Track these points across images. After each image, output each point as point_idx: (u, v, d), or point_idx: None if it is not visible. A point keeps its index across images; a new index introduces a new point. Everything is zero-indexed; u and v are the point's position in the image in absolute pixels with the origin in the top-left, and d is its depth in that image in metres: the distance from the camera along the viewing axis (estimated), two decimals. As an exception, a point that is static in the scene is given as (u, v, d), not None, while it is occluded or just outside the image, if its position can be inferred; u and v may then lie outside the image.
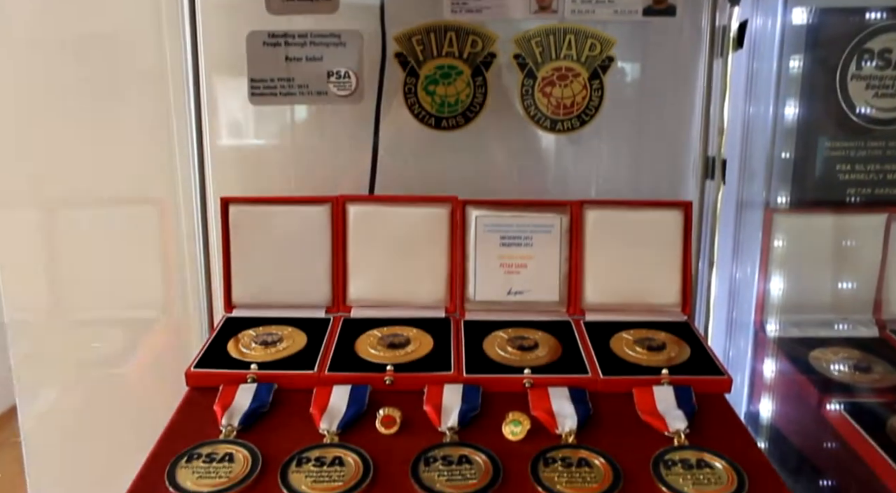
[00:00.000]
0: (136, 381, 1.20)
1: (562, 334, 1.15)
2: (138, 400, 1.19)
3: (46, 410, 1.03)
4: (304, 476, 0.83)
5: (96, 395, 1.17)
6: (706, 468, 0.85)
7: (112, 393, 1.20)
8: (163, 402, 0.99)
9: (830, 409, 1.03)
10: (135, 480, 0.83)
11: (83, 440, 1.10)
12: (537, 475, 0.83)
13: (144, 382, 1.22)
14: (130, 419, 1.10)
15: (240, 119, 1.33)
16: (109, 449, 0.96)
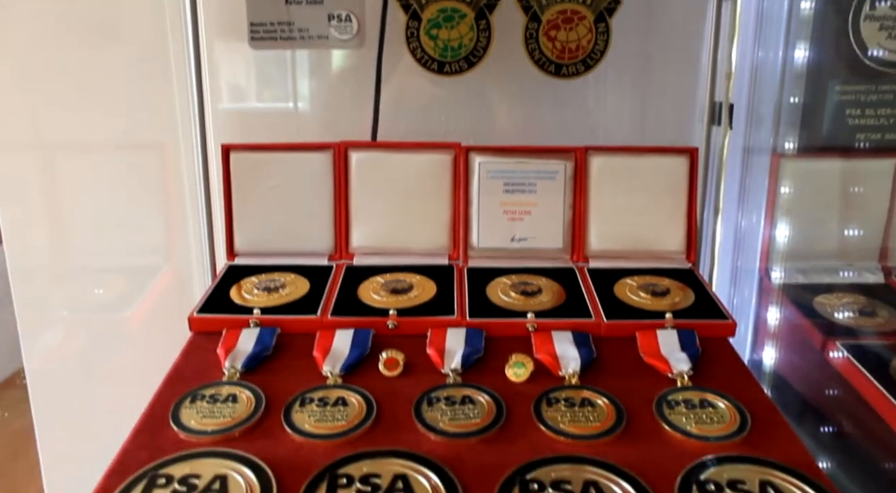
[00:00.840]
0: (138, 325, 1.21)
1: (565, 281, 1.15)
2: (141, 344, 1.20)
3: (50, 352, 1.03)
4: (307, 416, 0.83)
5: (99, 339, 1.17)
6: (709, 408, 0.85)
7: (115, 337, 1.20)
8: (166, 347, 0.99)
9: (834, 352, 1.03)
10: (140, 420, 0.84)
11: (87, 381, 1.11)
12: (540, 415, 0.83)
13: (147, 327, 1.22)
14: (134, 362, 1.10)
15: (240, 65, 1.31)
16: (113, 391, 0.96)
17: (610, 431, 0.81)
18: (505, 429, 0.82)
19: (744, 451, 0.78)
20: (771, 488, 0.72)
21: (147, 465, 0.75)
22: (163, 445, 0.79)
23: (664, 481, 0.72)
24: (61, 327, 1.10)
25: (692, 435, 0.80)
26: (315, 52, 1.28)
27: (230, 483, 0.72)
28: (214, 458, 0.76)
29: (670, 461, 0.76)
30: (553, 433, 0.81)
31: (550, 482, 0.72)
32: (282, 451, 0.78)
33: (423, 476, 0.72)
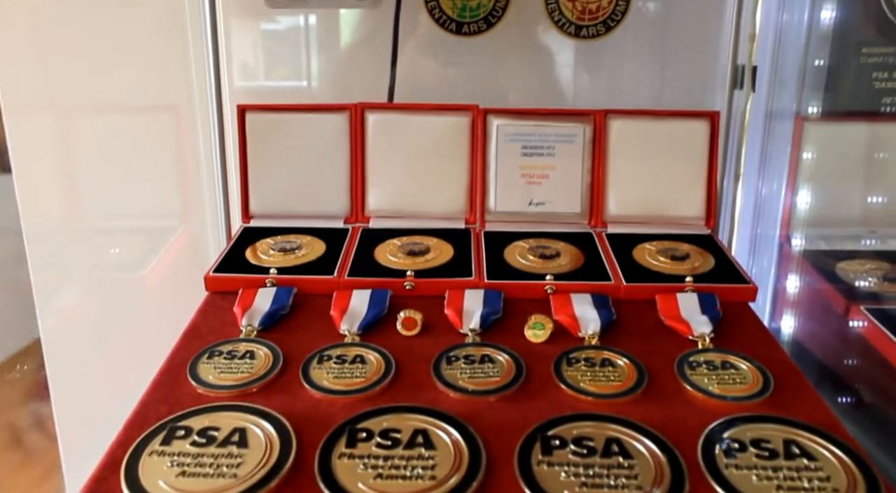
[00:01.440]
0: (154, 285, 1.20)
1: (583, 245, 1.13)
2: (157, 304, 1.19)
3: (65, 311, 1.03)
4: (325, 373, 0.82)
5: (115, 297, 1.17)
6: (731, 369, 0.84)
7: (130, 296, 1.20)
8: (182, 307, 0.99)
9: (857, 316, 1.02)
10: (157, 375, 0.83)
11: (102, 340, 1.10)
12: (560, 374, 0.83)
13: (163, 287, 1.21)
14: (150, 321, 1.10)
15: (256, 25, 1.29)
16: (129, 349, 0.96)
17: (631, 390, 0.80)
18: (525, 387, 0.81)
19: (767, 411, 0.77)
20: (795, 446, 0.71)
21: (166, 418, 0.74)
22: (181, 399, 0.79)
23: (687, 439, 0.72)
24: (76, 287, 1.09)
25: (714, 395, 0.80)
26: (332, 12, 1.26)
27: (249, 436, 0.71)
28: (233, 411, 0.75)
29: (692, 420, 0.75)
30: (574, 392, 0.80)
31: (572, 439, 0.71)
32: (300, 406, 0.77)
33: (444, 431, 0.72)
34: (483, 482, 0.66)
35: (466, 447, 0.70)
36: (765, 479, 0.67)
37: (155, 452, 0.69)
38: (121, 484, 0.65)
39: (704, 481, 0.67)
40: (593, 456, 0.69)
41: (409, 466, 0.67)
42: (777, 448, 0.70)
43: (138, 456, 0.69)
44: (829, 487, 0.66)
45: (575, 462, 0.68)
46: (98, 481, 0.67)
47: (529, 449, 0.70)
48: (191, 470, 0.67)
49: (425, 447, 0.70)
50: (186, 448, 0.70)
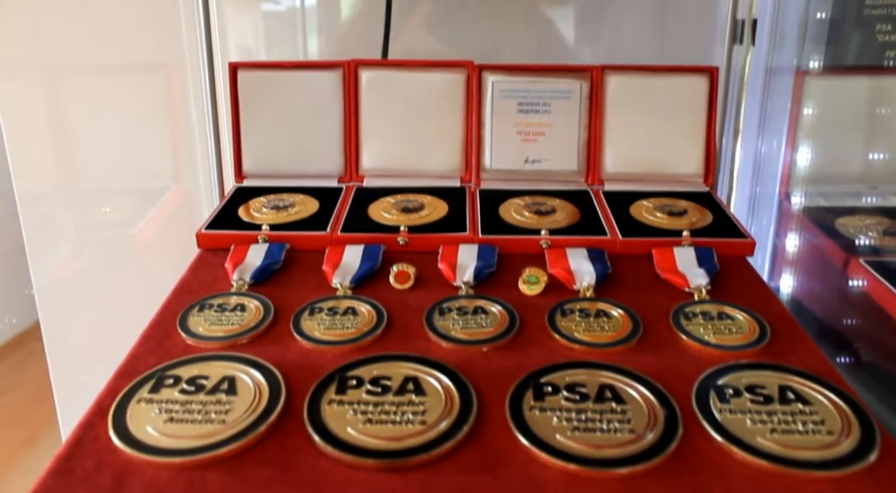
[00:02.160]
0: (145, 243, 1.19)
1: (580, 202, 1.12)
2: (149, 261, 1.18)
3: (58, 268, 1.02)
4: (316, 324, 0.81)
5: (107, 254, 1.16)
6: (727, 320, 0.83)
7: (122, 254, 1.19)
8: (173, 264, 0.98)
9: (856, 270, 1.00)
10: (147, 327, 0.83)
11: (94, 295, 1.10)
12: (554, 324, 0.82)
13: (154, 245, 1.20)
14: (141, 278, 1.09)
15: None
16: (120, 305, 0.95)
17: (625, 339, 0.79)
18: (518, 338, 0.80)
19: (763, 360, 0.76)
20: (790, 392, 0.70)
21: (155, 367, 0.74)
22: (171, 350, 0.78)
23: (681, 386, 0.71)
24: (68, 244, 1.08)
25: (710, 344, 0.79)
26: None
27: (238, 384, 0.71)
28: (222, 361, 0.75)
29: (687, 368, 0.75)
30: (567, 342, 0.79)
31: (565, 386, 0.70)
32: (291, 356, 0.77)
33: (434, 379, 0.71)
34: (474, 426, 0.65)
35: (457, 393, 0.69)
36: (759, 423, 0.66)
37: (143, 399, 0.69)
38: (108, 430, 0.65)
39: (698, 424, 0.66)
40: (586, 402, 0.68)
41: (398, 411, 0.66)
42: (772, 394, 0.70)
43: (126, 403, 0.68)
44: (824, 430, 0.65)
45: (567, 408, 0.67)
46: (86, 427, 0.66)
47: (521, 395, 0.69)
48: (179, 416, 0.66)
49: (416, 393, 0.69)
50: (175, 396, 0.69)
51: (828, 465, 0.61)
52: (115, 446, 0.63)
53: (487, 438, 0.65)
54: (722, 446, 0.64)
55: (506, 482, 0.60)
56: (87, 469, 0.61)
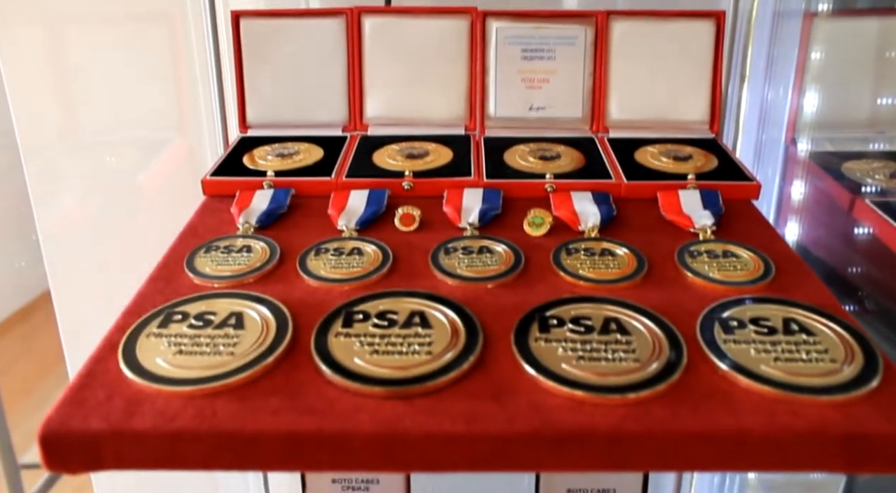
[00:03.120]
0: (151, 191, 1.19)
1: (585, 149, 1.12)
2: (154, 208, 1.19)
3: (63, 216, 1.02)
4: (322, 263, 0.82)
5: (111, 203, 1.16)
6: (732, 258, 0.83)
7: (127, 202, 1.19)
8: (179, 213, 0.98)
9: (862, 210, 1.00)
10: (154, 269, 0.83)
11: (101, 242, 1.10)
12: (559, 262, 0.82)
13: (160, 193, 1.21)
14: (147, 224, 1.10)
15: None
16: (126, 252, 0.96)
17: (630, 276, 0.79)
18: (523, 275, 0.81)
19: (768, 295, 0.77)
20: (794, 324, 0.70)
21: (163, 305, 0.74)
22: (178, 289, 0.79)
23: (686, 320, 0.71)
24: (72, 192, 1.08)
25: (715, 280, 0.79)
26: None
27: (246, 319, 0.71)
28: (229, 298, 0.75)
29: (692, 303, 0.75)
30: (572, 278, 0.79)
31: (570, 319, 0.71)
32: (297, 294, 0.77)
33: (440, 313, 0.72)
34: (479, 357, 0.66)
35: (463, 326, 0.70)
36: (763, 352, 0.66)
37: (152, 334, 0.70)
38: (119, 362, 0.66)
39: (703, 354, 0.67)
40: (591, 334, 0.69)
41: (405, 343, 0.67)
42: (776, 326, 0.70)
43: (135, 338, 0.69)
44: (827, 358, 0.66)
45: (572, 339, 0.68)
46: (97, 361, 0.67)
47: (527, 328, 0.70)
48: (188, 349, 0.67)
49: (422, 326, 0.70)
50: (183, 331, 0.70)
51: (831, 390, 0.62)
52: (125, 377, 0.64)
53: (493, 368, 0.65)
54: (727, 374, 0.64)
55: (511, 409, 0.60)
56: (99, 399, 0.62)
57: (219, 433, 0.59)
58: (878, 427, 0.59)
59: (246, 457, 0.59)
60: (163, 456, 0.59)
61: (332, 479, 1.27)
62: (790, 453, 0.59)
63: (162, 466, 0.60)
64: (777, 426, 0.59)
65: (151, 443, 0.59)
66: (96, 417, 0.60)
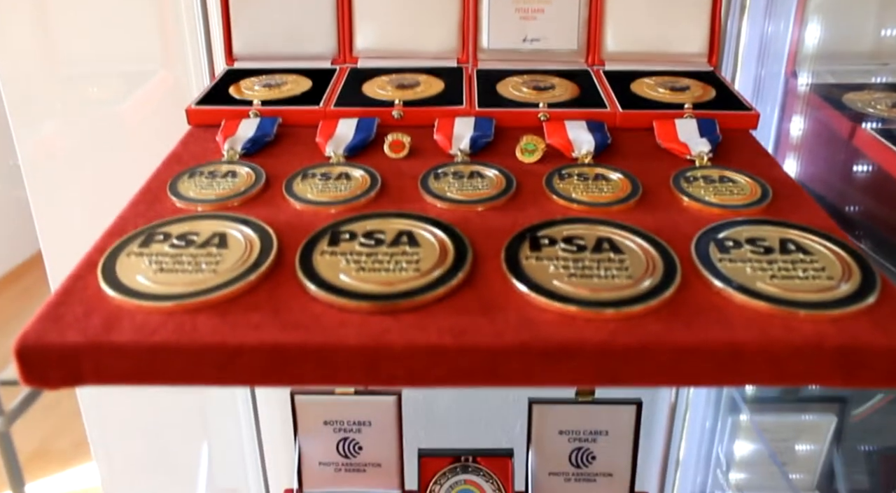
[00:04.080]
0: (135, 121, 1.16)
1: (580, 81, 1.09)
2: (137, 139, 1.16)
3: (43, 142, 1.00)
4: (309, 187, 0.80)
5: (95, 131, 1.13)
6: (729, 183, 0.81)
7: (110, 130, 1.16)
8: (163, 143, 0.95)
9: (862, 138, 0.98)
10: (136, 193, 0.81)
11: (83, 170, 1.08)
12: (552, 186, 0.80)
13: (144, 124, 1.18)
14: (130, 154, 1.07)
15: None
16: (109, 180, 0.93)
17: (625, 199, 0.78)
18: (515, 199, 0.79)
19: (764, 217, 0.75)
20: (791, 244, 0.69)
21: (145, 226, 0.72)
22: (161, 212, 0.77)
23: (681, 242, 0.69)
24: (53, 120, 1.06)
25: (711, 204, 0.77)
26: None
27: (229, 239, 0.69)
28: (213, 219, 0.73)
29: (687, 225, 0.73)
30: (565, 201, 0.77)
31: (562, 238, 0.69)
32: (283, 216, 0.75)
33: (429, 233, 0.70)
34: (469, 274, 0.64)
35: (452, 245, 0.68)
36: (759, 270, 0.65)
37: (133, 253, 0.68)
38: (98, 280, 0.64)
39: (697, 273, 0.65)
40: (583, 252, 0.67)
41: (392, 261, 0.65)
42: (773, 246, 0.68)
43: (115, 257, 0.67)
44: (824, 275, 0.64)
45: (564, 257, 0.66)
46: (75, 279, 0.65)
47: (517, 246, 0.68)
48: (169, 267, 0.65)
49: (409, 245, 0.68)
50: (165, 250, 0.68)
51: (827, 305, 0.60)
52: (104, 294, 0.63)
53: (482, 285, 0.64)
54: (721, 291, 0.63)
55: (500, 323, 0.59)
56: (77, 314, 0.60)
57: (200, 347, 0.57)
58: (874, 341, 0.58)
59: (228, 371, 0.58)
60: (143, 370, 0.58)
61: (324, 420, 1.28)
62: (785, 366, 0.58)
63: (142, 381, 0.58)
64: (772, 340, 0.58)
65: (130, 357, 0.58)
66: (74, 331, 0.58)
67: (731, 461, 1.50)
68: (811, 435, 1.43)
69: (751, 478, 1.50)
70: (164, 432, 1.59)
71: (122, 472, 1.60)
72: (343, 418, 1.21)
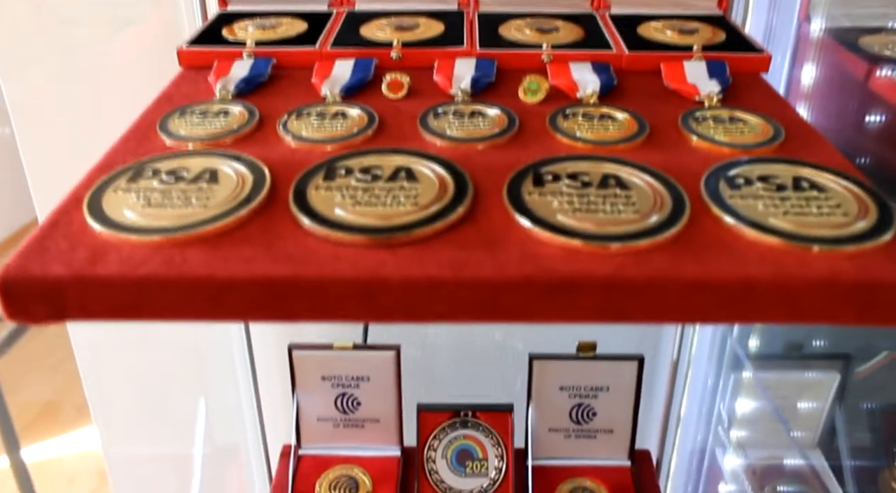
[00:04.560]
0: (124, 63, 1.13)
1: (585, 24, 1.05)
2: (127, 82, 1.12)
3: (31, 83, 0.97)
4: (304, 125, 0.77)
5: (84, 75, 1.10)
6: (739, 123, 0.79)
7: (99, 72, 1.13)
8: (154, 90, 0.92)
9: (878, 81, 0.95)
10: (126, 131, 0.78)
11: (70, 112, 1.05)
12: (556, 125, 0.77)
13: (132, 66, 1.14)
14: (119, 96, 1.04)
15: None
16: (97, 122, 0.90)
17: (631, 138, 0.75)
18: (517, 137, 0.76)
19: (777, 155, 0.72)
20: (804, 181, 0.66)
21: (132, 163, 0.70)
22: (150, 150, 0.74)
23: (690, 179, 0.67)
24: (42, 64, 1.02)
25: (721, 143, 0.74)
26: None
27: (220, 175, 0.67)
28: (204, 156, 0.71)
29: (696, 164, 0.70)
30: (569, 140, 0.75)
31: (567, 175, 0.66)
32: (277, 154, 0.72)
33: (428, 168, 0.67)
34: (469, 209, 0.62)
35: (452, 180, 0.65)
36: (771, 207, 0.62)
37: (121, 188, 0.65)
38: (84, 214, 0.61)
39: (707, 210, 0.63)
40: (588, 188, 0.64)
41: (389, 195, 0.63)
42: (785, 183, 0.66)
43: (102, 192, 0.65)
44: (839, 212, 0.62)
45: (569, 193, 0.64)
46: (61, 213, 0.63)
47: (520, 182, 0.65)
48: (158, 201, 0.63)
49: (408, 180, 0.65)
50: (154, 185, 0.65)
51: (842, 241, 0.58)
52: (90, 228, 0.60)
53: (483, 220, 0.61)
54: (732, 227, 0.60)
55: (502, 257, 0.57)
56: (62, 248, 0.58)
57: (189, 280, 0.55)
58: (892, 277, 0.55)
59: (218, 305, 0.55)
60: (129, 304, 0.56)
61: (322, 376, 1.26)
62: (798, 302, 0.55)
63: (129, 315, 0.56)
64: (785, 276, 0.55)
65: (117, 290, 0.55)
66: (58, 264, 0.56)
67: (733, 419, 1.49)
68: (814, 392, 1.42)
69: (752, 435, 1.49)
70: (162, 389, 1.58)
71: (121, 431, 1.59)
72: (341, 373, 1.20)
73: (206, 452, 1.61)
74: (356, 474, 1.23)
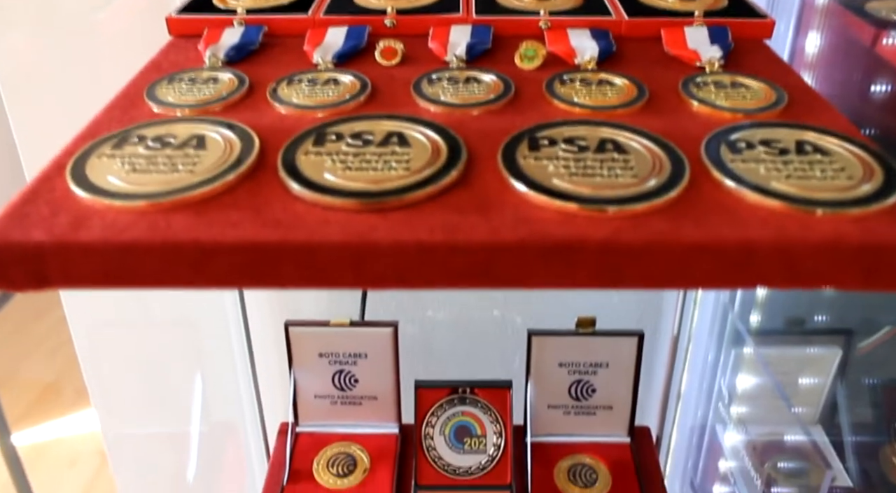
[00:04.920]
0: (112, 32, 1.11)
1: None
2: (116, 51, 1.10)
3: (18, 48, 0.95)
4: (294, 92, 0.75)
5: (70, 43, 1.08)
6: (741, 88, 0.77)
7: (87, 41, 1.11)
8: (142, 58, 0.90)
9: (886, 46, 0.93)
10: (111, 100, 0.76)
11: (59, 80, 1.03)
12: (553, 91, 0.75)
13: (123, 35, 1.12)
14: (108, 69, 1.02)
15: None
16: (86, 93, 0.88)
17: (630, 103, 0.73)
18: (513, 103, 0.74)
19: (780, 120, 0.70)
20: (808, 145, 0.64)
21: (118, 129, 0.68)
22: (137, 117, 0.72)
23: (690, 144, 0.65)
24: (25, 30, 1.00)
25: (722, 108, 0.72)
26: None
27: (208, 141, 0.65)
28: (192, 122, 0.69)
29: (697, 129, 0.68)
30: (567, 105, 0.73)
31: (563, 139, 0.65)
32: (266, 120, 0.71)
33: (420, 134, 0.65)
34: (462, 173, 0.60)
35: (445, 145, 0.63)
36: (773, 171, 0.60)
37: (105, 155, 0.63)
38: (67, 181, 0.60)
39: (707, 173, 0.61)
40: (585, 152, 0.63)
41: (381, 160, 0.61)
42: (788, 147, 0.64)
43: (86, 158, 0.63)
44: (843, 175, 0.60)
45: (565, 157, 0.62)
46: (43, 180, 0.61)
47: (515, 147, 0.63)
48: (143, 167, 0.61)
49: (399, 145, 0.63)
50: (139, 151, 0.64)
51: (846, 204, 0.56)
52: (73, 194, 0.58)
53: (476, 184, 0.60)
54: (733, 190, 0.58)
55: (496, 221, 0.55)
56: (43, 214, 0.56)
57: (174, 245, 0.53)
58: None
59: (204, 271, 0.54)
60: (113, 271, 0.54)
61: (319, 353, 1.25)
62: (801, 266, 0.54)
63: (113, 282, 0.55)
64: (788, 239, 0.54)
65: (100, 256, 0.54)
66: (39, 230, 0.54)
67: (734, 395, 1.47)
68: (815, 368, 1.41)
69: (753, 411, 1.48)
70: (159, 368, 1.57)
71: (119, 411, 1.58)
72: (338, 350, 1.19)
73: (203, 430, 1.60)
74: (354, 451, 1.22)
